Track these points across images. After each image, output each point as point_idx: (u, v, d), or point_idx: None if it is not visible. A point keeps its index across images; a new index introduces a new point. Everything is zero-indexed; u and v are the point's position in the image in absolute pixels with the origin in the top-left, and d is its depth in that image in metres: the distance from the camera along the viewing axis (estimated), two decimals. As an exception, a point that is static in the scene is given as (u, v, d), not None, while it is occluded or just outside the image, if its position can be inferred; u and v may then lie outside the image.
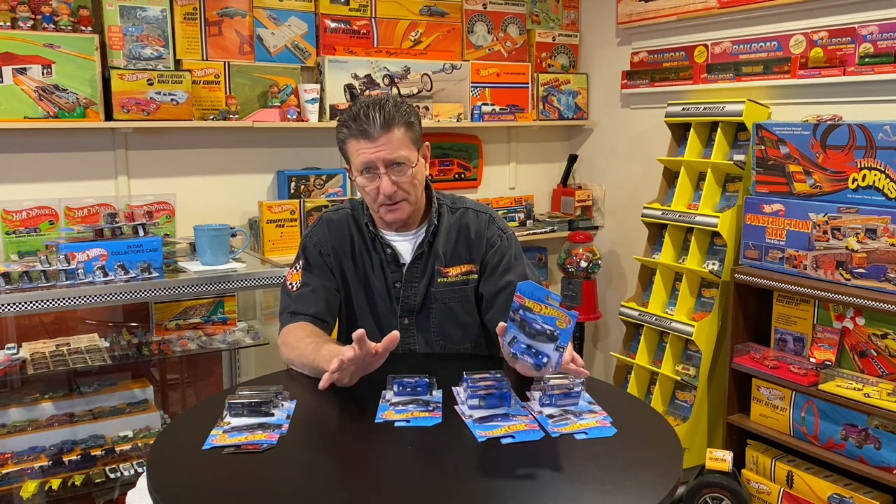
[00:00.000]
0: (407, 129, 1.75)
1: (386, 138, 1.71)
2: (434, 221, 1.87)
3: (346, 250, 1.89)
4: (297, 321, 1.82)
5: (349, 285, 1.90)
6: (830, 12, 2.70)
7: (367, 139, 1.72)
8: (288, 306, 1.86)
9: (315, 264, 1.87)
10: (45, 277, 2.25)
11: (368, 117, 1.71)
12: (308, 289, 1.85)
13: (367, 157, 1.73)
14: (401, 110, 1.74)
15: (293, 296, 1.86)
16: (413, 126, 1.77)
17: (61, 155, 2.72)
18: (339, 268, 1.88)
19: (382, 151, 1.72)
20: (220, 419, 1.46)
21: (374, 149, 1.72)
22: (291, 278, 1.88)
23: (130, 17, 2.71)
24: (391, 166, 1.74)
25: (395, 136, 1.72)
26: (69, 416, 2.58)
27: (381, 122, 1.71)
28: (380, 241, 1.87)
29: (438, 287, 1.87)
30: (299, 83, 3.04)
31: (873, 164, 2.34)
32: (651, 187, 3.26)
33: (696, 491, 2.57)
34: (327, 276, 1.87)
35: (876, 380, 2.37)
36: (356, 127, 1.72)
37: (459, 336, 1.91)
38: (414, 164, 1.76)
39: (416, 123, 1.79)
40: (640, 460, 1.33)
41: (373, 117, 1.70)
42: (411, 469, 1.32)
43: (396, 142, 1.73)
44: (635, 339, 3.24)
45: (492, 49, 3.56)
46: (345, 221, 1.90)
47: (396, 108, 1.74)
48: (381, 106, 1.72)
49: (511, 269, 1.87)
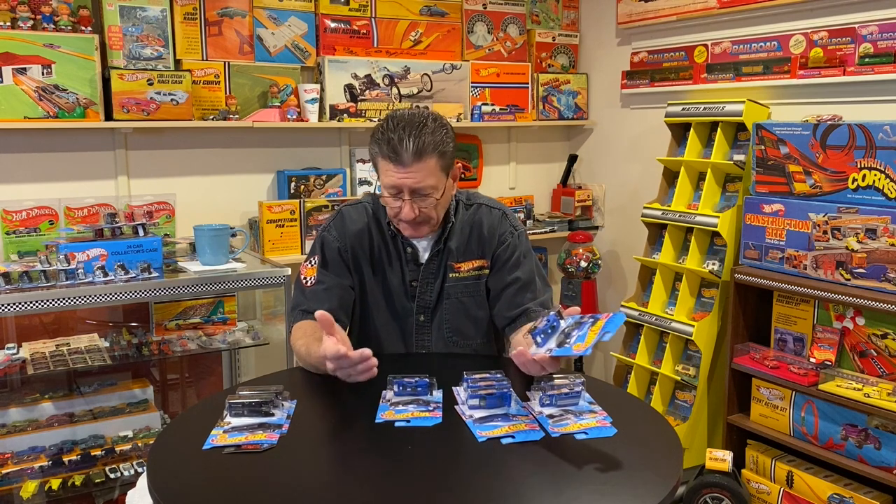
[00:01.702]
0: (439, 158, 1.73)
1: (416, 167, 1.70)
2: (452, 219, 1.88)
3: (364, 247, 1.89)
4: (309, 319, 1.81)
5: (366, 283, 1.90)
6: (830, 12, 2.70)
7: (398, 164, 1.70)
8: (300, 303, 1.85)
9: (332, 261, 1.87)
10: (45, 277, 2.25)
11: (402, 143, 1.68)
12: (322, 286, 1.84)
13: (394, 181, 1.72)
14: (436, 137, 1.72)
15: (307, 292, 1.85)
16: (446, 154, 1.74)
17: (61, 155, 2.72)
18: (357, 265, 1.88)
19: (409, 180, 1.71)
20: (221, 419, 1.46)
21: (402, 175, 1.71)
22: (306, 273, 1.88)
23: (130, 17, 2.71)
24: (416, 194, 1.73)
25: (426, 165, 1.70)
26: (69, 416, 2.58)
27: (413, 151, 1.68)
28: (401, 240, 1.87)
29: (451, 282, 1.88)
30: (299, 83, 3.05)
31: (873, 164, 2.34)
32: (651, 187, 3.26)
33: (696, 491, 2.57)
34: (343, 273, 1.86)
35: (876, 380, 2.37)
36: (388, 149, 1.71)
37: (472, 331, 1.92)
38: (441, 192, 1.76)
39: (451, 150, 1.76)
40: (640, 460, 1.32)
41: (406, 145, 1.68)
42: (411, 469, 1.32)
43: (426, 171, 1.71)
44: (635, 339, 3.24)
45: (492, 49, 3.56)
46: (365, 219, 1.90)
47: (433, 134, 1.71)
48: (417, 134, 1.69)
49: (520, 266, 1.88)
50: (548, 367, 1.51)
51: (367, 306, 1.91)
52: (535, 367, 1.51)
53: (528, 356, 1.49)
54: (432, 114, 1.78)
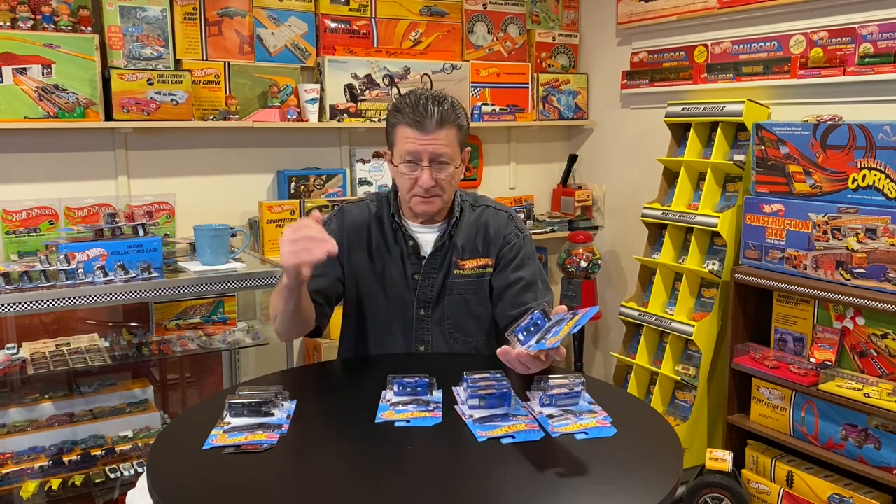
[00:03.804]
0: (458, 131, 1.79)
1: (439, 134, 1.75)
2: (456, 215, 1.90)
3: (362, 241, 1.91)
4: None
5: (363, 278, 1.90)
6: (830, 12, 2.70)
7: (421, 130, 1.75)
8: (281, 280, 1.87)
9: None
10: (45, 277, 2.24)
11: (427, 110, 1.75)
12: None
13: (416, 147, 1.76)
14: (457, 111, 1.80)
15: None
16: (463, 129, 1.82)
17: (61, 155, 2.72)
18: (351, 259, 1.90)
19: (431, 146, 1.75)
20: (221, 419, 1.46)
21: (425, 141, 1.75)
22: None
23: (130, 17, 2.71)
24: (435, 162, 1.77)
25: (447, 133, 1.77)
26: (69, 416, 2.58)
27: (437, 118, 1.75)
28: (402, 233, 1.89)
29: (455, 279, 1.90)
30: (299, 83, 3.05)
31: (873, 164, 2.34)
32: (651, 187, 3.26)
33: (696, 491, 2.57)
34: (333, 264, 1.87)
35: (876, 380, 2.37)
36: (413, 116, 1.75)
37: (473, 328, 1.93)
38: (457, 164, 1.81)
39: (466, 128, 1.84)
40: (640, 460, 1.33)
41: (431, 111, 1.75)
42: (411, 469, 1.32)
43: (447, 139, 1.77)
44: (635, 339, 3.24)
45: (492, 49, 3.56)
46: (364, 214, 1.93)
47: (453, 107, 1.79)
48: (440, 102, 1.77)
49: (523, 267, 1.90)
50: (530, 365, 1.52)
51: (366, 299, 1.92)
52: (518, 364, 1.52)
53: (510, 354, 1.51)
54: (451, 95, 1.85)
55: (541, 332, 1.49)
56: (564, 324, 1.43)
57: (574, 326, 1.40)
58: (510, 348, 1.52)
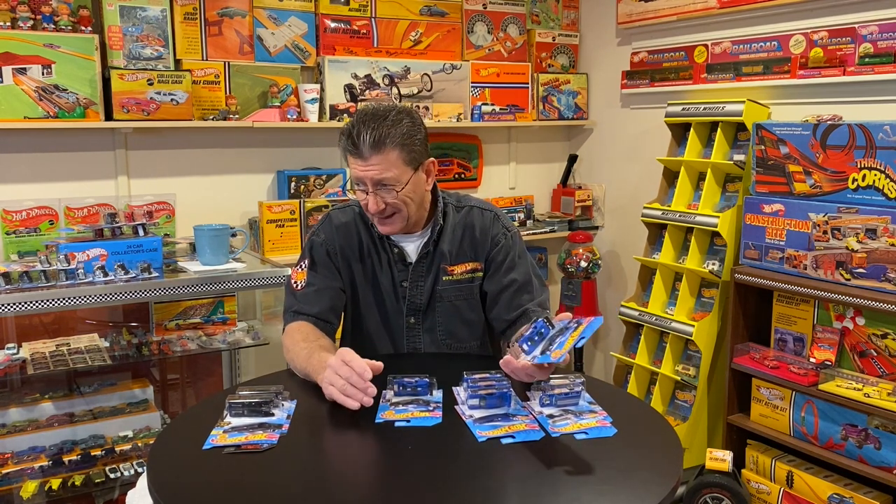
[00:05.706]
0: (401, 150, 1.70)
1: (376, 159, 1.70)
2: (440, 221, 1.87)
3: (353, 249, 1.88)
4: (299, 321, 1.81)
5: (357, 284, 1.89)
6: (830, 12, 2.70)
7: (358, 157, 1.71)
8: (291, 305, 1.85)
9: (321, 263, 1.87)
10: (45, 277, 2.25)
11: (360, 137, 1.69)
12: (312, 288, 1.84)
13: (357, 173, 1.73)
14: (397, 129, 1.69)
15: (297, 295, 1.85)
16: (408, 146, 1.71)
17: (61, 155, 2.72)
18: (347, 267, 1.88)
19: (370, 171, 1.71)
20: (221, 419, 1.46)
21: (362, 167, 1.71)
22: (296, 277, 1.87)
23: (130, 17, 2.71)
24: (378, 186, 1.72)
25: (386, 156, 1.69)
26: (69, 416, 2.58)
27: (370, 143, 1.68)
28: (387, 240, 1.87)
29: (444, 285, 1.88)
30: (299, 83, 3.04)
31: (873, 164, 2.34)
32: (651, 187, 3.26)
33: (696, 491, 2.57)
34: (333, 275, 1.86)
35: (876, 380, 2.37)
36: (347, 142, 1.72)
37: (465, 334, 1.92)
38: (403, 185, 1.73)
39: (416, 143, 1.73)
40: (640, 460, 1.33)
41: (364, 138, 1.68)
42: (411, 469, 1.32)
43: (386, 163, 1.70)
44: (635, 339, 3.24)
45: (492, 49, 3.56)
46: (353, 220, 1.90)
47: (394, 125, 1.69)
48: (376, 125, 1.68)
49: (515, 268, 1.88)
50: (536, 375, 1.52)
51: (359, 307, 1.91)
52: (523, 375, 1.52)
53: (514, 364, 1.51)
54: (399, 106, 1.76)
55: (545, 340, 1.47)
56: (569, 333, 1.42)
57: (578, 339, 1.39)
58: (512, 359, 1.51)
